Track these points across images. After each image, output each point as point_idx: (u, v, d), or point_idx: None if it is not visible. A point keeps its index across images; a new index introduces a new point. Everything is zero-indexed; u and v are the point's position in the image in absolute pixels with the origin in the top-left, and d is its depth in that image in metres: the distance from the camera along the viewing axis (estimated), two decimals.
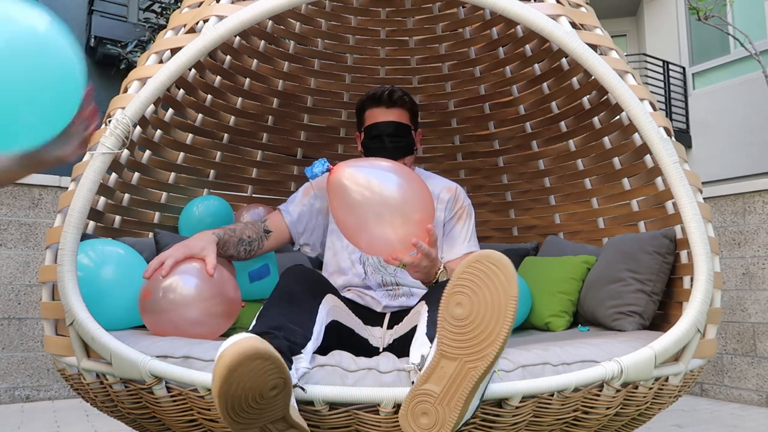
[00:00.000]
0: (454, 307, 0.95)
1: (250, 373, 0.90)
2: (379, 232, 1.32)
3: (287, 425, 0.98)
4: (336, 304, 1.45)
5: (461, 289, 0.95)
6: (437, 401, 0.94)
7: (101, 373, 1.24)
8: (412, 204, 1.34)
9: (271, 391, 0.94)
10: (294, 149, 2.65)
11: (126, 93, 1.41)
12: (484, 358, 0.93)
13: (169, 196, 2.21)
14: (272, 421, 0.96)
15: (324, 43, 2.58)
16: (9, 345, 2.95)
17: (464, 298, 0.94)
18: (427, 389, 0.95)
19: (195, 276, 1.34)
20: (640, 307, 1.70)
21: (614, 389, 1.20)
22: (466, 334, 0.94)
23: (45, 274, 1.34)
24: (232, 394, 0.91)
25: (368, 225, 1.32)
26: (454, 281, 0.96)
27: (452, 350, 0.94)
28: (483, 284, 0.94)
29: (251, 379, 0.91)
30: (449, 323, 0.95)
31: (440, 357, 0.96)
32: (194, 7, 1.57)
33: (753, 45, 5.16)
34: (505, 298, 0.92)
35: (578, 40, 1.43)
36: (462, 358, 0.94)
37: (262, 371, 0.91)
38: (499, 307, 0.93)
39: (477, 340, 0.93)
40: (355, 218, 1.34)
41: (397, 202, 1.33)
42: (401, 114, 1.71)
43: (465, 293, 0.94)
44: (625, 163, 2.09)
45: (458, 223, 1.73)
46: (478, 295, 0.94)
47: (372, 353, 1.35)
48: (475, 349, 0.93)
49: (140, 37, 6.19)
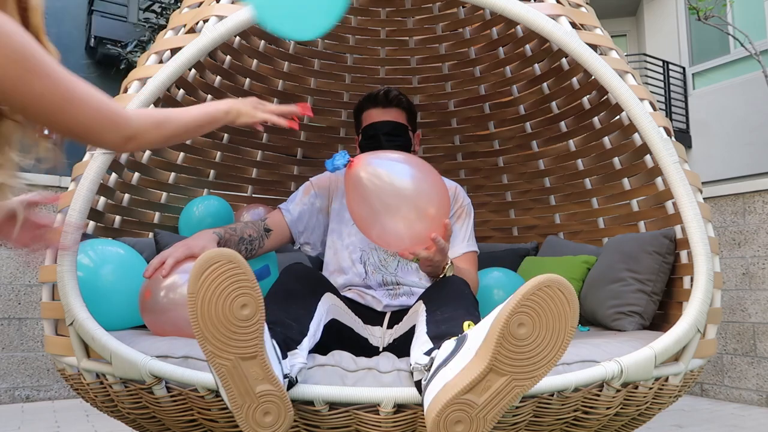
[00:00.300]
0: (517, 327, 0.94)
1: (220, 276, 0.94)
2: (395, 226, 1.33)
3: (263, 374, 0.97)
4: (335, 302, 1.45)
5: (527, 311, 0.94)
6: (476, 412, 0.94)
7: (101, 373, 1.24)
8: (430, 198, 1.35)
9: (242, 309, 0.95)
10: (294, 149, 2.65)
11: (126, 93, 1.41)
12: (533, 378, 0.93)
13: (169, 196, 2.21)
14: (245, 357, 0.96)
15: (324, 43, 2.58)
16: (9, 345, 2.95)
17: (528, 319, 0.94)
18: (467, 399, 0.94)
19: None
20: (640, 307, 1.70)
21: (614, 389, 1.20)
22: (523, 354, 0.93)
23: (45, 274, 1.34)
24: (202, 298, 0.93)
25: (384, 218, 1.32)
26: (520, 300, 0.95)
27: (505, 367, 0.94)
28: (549, 309, 0.94)
29: (221, 283, 0.94)
30: (509, 341, 0.94)
31: (489, 371, 0.94)
32: (194, 7, 1.57)
33: (753, 45, 5.16)
34: (566, 327, 0.93)
35: (578, 40, 1.43)
36: (512, 376, 0.93)
37: (230, 274, 0.94)
38: (558, 334, 0.93)
39: (532, 361, 0.93)
40: (371, 210, 1.34)
41: (415, 196, 1.33)
42: (398, 114, 1.71)
43: (530, 314, 0.94)
44: (625, 163, 2.09)
45: (458, 223, 1.74)
46: (542, 319, 0.93)
47: (372, 353, 1.35)
48: (527, 370, 0.93)
49: (140, 37, 6.19)
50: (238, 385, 0.96)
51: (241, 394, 0.96)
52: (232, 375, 0.96)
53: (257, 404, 0.97)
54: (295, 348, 1.12)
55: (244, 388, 0.96)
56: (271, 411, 0.98)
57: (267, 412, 0.97)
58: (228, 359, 0.95)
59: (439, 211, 1.35)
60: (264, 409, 0.97)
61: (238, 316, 0.95)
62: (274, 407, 0.98)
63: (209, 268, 0.94)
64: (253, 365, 0.97)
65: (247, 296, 0.96)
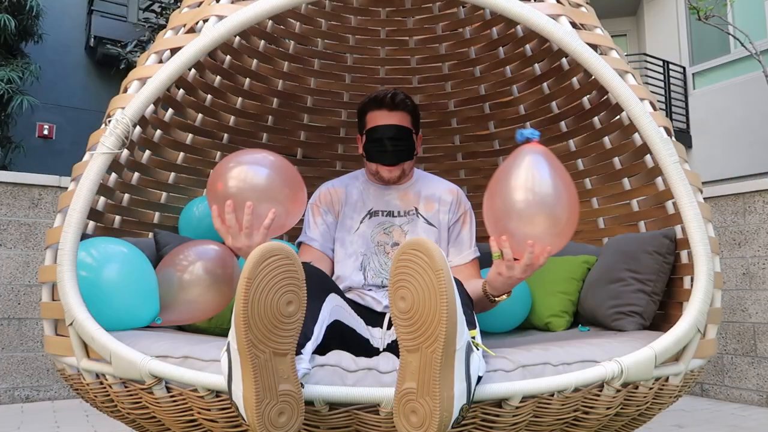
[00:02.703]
0: (399, 302, 0.98)
1: (276, 269, 0.97)
2: (533, 217, 1.27)
3: (288, 373, 0.99)
4: (339, 303, 1.45)
5: (401, 284, 0.98)
6: (419, 396, 0.95)
7: (101, 374, 1.24)
8: (569, 221, 1.29)
9: (288, 306, 0.98)
10: (294, 149, 2.65)
11: (126, 93, 1.41)
12: (437, 338, 0.94)
13: (169, 196, 2.21)
14: (279, 353, 0.98)
15: (324, 43, 2.58)
16: (9, 345, 2.95)
17: (405, 291, 0.97)
18: (407, 388, 0.97)
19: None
20: (640, 307, 1.70)
21: (614, 389, 1.20)
22: (415, 323, 0.96)
23: (45, 274, 1.34)
24: (256, 287, 0.96)
25: (530, 205, 1.26)
26: (392, 280, 0.99)
27: (410, 342, 0.97)
28: (414, 272, 0.97)
29: (275, 276, 0.97)
30: (400, 318, 0.98)
31: (405, 353, 0.98)
32: (194, 7, 1.56)
33: (753, 45, 5.16)
34: (434, 275, 0.95)
35: (578, 40, 1.43)
36: (421, 347, 0.96)
37: (285, 269, 0.98)
38: (431, 286, 0.95)
39: (426, 324, 0.95)
40: (525, 191, 1.26)
41: (565, 206, 1.28)
42: (403, 117, 1.71)
43: (405, 286, 0.98)
44: (625, 163, 2.08)
45: (464, 227, 1.76)
46: (413, 284, 0.96)
47: (372, 354, 1.35)
48: (427, 334, 0.95)
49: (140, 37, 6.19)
50: (265, 379, 0.97)
51: (265, 389, 0.96)
52: (263, 368, 0.97)
53: (276, 402, 0.97)
54: (300, 353, 1.12)
55: (269, 384, 0.97)
56: (286, 412, 0.98)
57: (282, 412, 0.98)
58: (263, 351, 0.97)
59: (560, 238, 1.29)
60: (280, 408, 0.98)
61: (283, 312, 0.98)
62: (289, 408, 0.98)
63: (269, 258, 0.97)
64: (284, 362, 0.99)
65: (294, 293, 1.00)
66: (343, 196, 1.78)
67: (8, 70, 5.83)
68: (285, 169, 1.41)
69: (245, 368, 0.97)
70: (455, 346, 0.96)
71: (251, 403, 0.96)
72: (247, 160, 1.37)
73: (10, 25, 5.81)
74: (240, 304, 0.95)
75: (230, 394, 1.02)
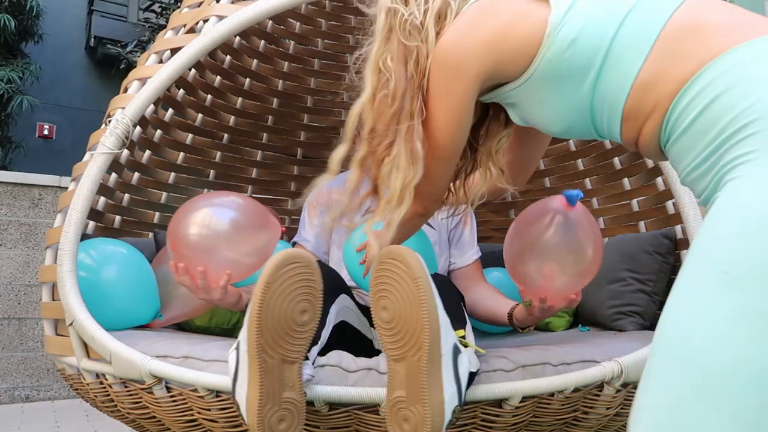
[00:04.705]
0: (382, 312, 0.98)
1: (295, 276, 0.98)
2: (559, 274, 1.31)
3: (293, 381, 0.99)
4: (347, 304, 1.44)
5: (381, 294, 0.98)
6: (409, 403, 0.95)
7: (101, 373, 1.24)
8: (589, 271, 1.33)
9: (302, 314, 0.99)
10: (294, 149, 2.65)
11: (126, 93, 1.41)
12: (421, 347, 0.94)
13: (169, 196, 2.21)
14: (287, 360, 0.98)
15: (324, 43, 2.58)
16: (9, 345, 2.95)
17: (386, 302, 0.97)
18: (397, 396, 0.97)
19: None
20: (640, 307, 1.70)
21: (614, 389, 1.20)
22: (398, 333, 0.96)
23: (45, 274, 1.34)
24: (273, 291, 0.96)
25: (557, 263, 1.30)
26: (373, 290, 0.99)
27: (396, 352, 0.97)
28: (393, 281, 0.96)
29: (294, 282, 0.98)
30: (383, 328, 0.98)
31: (392, 363, 0.98)
32: (194, 7, 1.56)
33: None
34: (413, 283, 0.94)
35: None
36: (406, 356, 0.95)
37: (302, 277, 0.99)
38: (411, 295, 0.94)
39: (409, 334, 0.95)
40: (556, 248, 1.29)
41: (588, 260, 1.33)
42: None
43: (385, 296, 0.97)
44: (625, 163, 2.08)
45: (466, 228, 1.76)
46: (393, 294, 0.96)
47: (373, 354, 1.34)
48: (411, 343, 0.94)
49: (140, 37, 6.19)
50: (270, 385, 0.97)
51: (269, 395, 0.97)
52: (270, 374, 0.97)
53: (278, 409, 0.97)
54: (306, 357, 1.12)
55: (273, 390, 0.97)
56: (286, 419, 0.98)
57: (282, 419, 0.98)
58: (272, 357, 0.97)
59: (578, 285, 1.33)
60: (281, 415, 0.98)
61: (297, 320, 0.98)
62: (290, 416, 0.98)
63: (289, 265, 0.97)
64: (291, 370, 0.99)
65: (309, 303, 1.00)
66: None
67: (8, 70, 5.82)
68: (243, 217, 1.32)
69: (252, 371, 0.97)
70: (440, 352, 0.96)
71: (253, 407, 0.96)
72: (198, 219, 1.29)
73: (10, 25, 5.80)
74: (255, 307, 0.95)
75: (233, 392, 1.02)
